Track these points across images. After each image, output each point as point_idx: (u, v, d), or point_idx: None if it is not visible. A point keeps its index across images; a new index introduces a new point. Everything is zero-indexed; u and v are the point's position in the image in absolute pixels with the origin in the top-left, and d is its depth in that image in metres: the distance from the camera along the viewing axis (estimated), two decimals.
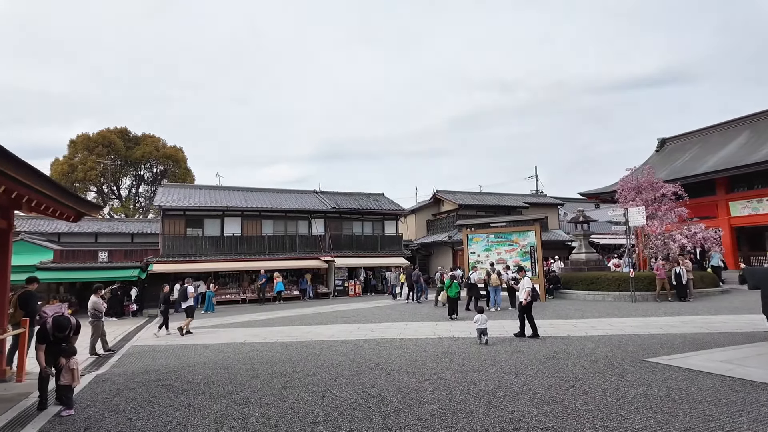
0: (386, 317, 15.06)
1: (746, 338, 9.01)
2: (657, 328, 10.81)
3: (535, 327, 10.36)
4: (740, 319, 11.81)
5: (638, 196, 20.31)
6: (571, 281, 19.19)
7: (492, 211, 31.73)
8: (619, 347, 8.61)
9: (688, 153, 26.53)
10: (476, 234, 19.76)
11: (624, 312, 14.00)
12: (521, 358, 7.96)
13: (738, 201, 22.50)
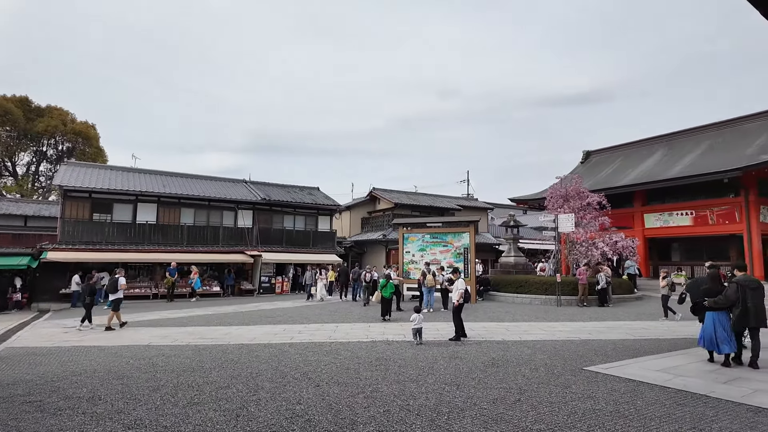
0: (316, 318, 14.10)
1: (671, 345, 9.22)
2: (587, 333, 10.90)
3: (462, 328, 10.18)
4: (659, 325, 12.32)
5: (566, 203, 21.06)
6: (501, 284, 19.41)
7: (426, 211, 31.74)
8: (555, 354, 8.40)
9: (611, 166, 28.22)
10: (412, 233, 19.36)
11: (552, 316, 14.19)
12: (461, 366, 7.44)
13: (652, 213, 24.20)
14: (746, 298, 7.00)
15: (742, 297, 7.04)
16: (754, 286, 7.21)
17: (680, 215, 22.87)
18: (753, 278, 7.56)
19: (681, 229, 22.91)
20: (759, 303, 7.03)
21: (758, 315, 7.00)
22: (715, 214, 21.44)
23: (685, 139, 25.77)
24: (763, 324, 7.07)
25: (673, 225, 23.17)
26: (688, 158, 23.42)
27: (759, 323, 7.04)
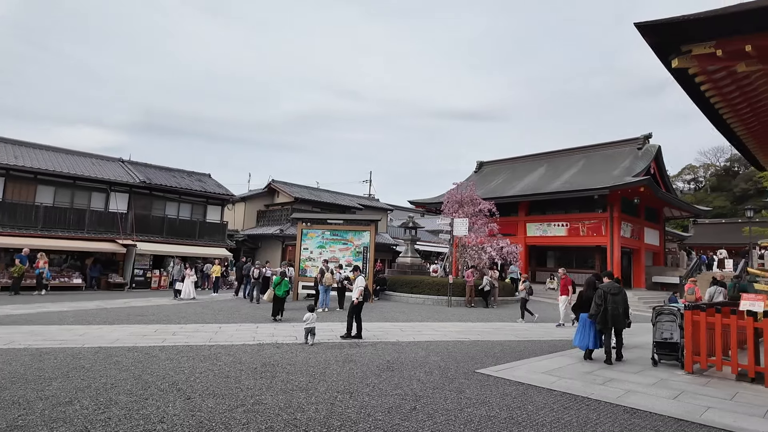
0: (196, 317, 12.68)
1: (551, 347, 9.78)
2: (476, 334, 11.20)
3: (360, 328, 9.92)
4: (538, 327, 13.17)
5: (461, 208, 21.95)
6: (396, 284, 19.54)
7: (327, 208, 31.07)
8: (448, 355, 8.37)
9: (501, 177, 30.25)
10: (312, 230, 18.59)
11: (443, 316, 14.51)
12: (354, 371, 6.99)
13: (533, 223, 26.36)
14: (607, 303, 7.85)
15: (603, 302, 7.89)
16: (615, 292, 8.04)
17: (557, 226, 25.22)
18: (615, 285, 8.29)
19: (557, 239, 25.27)
20: (617, 307, 7.87)
21: (615, 318, 7.85)
22: (585, 227, 24.00)
23: (564, 158, 28.56)
24: (619, 326, 7.99)
25: (551, 235, 25.48)
26: (566, 175, 25.94)
27: (616, 324, 7.92)
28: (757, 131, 10.64)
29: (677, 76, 8.29)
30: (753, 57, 7.16)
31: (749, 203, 54.34)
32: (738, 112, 9.48)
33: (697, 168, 67.40)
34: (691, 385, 6.45)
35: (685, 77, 8.24)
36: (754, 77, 8.12)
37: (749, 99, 9.04)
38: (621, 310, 7.89)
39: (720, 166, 66.06)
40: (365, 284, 10.52)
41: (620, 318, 7.89)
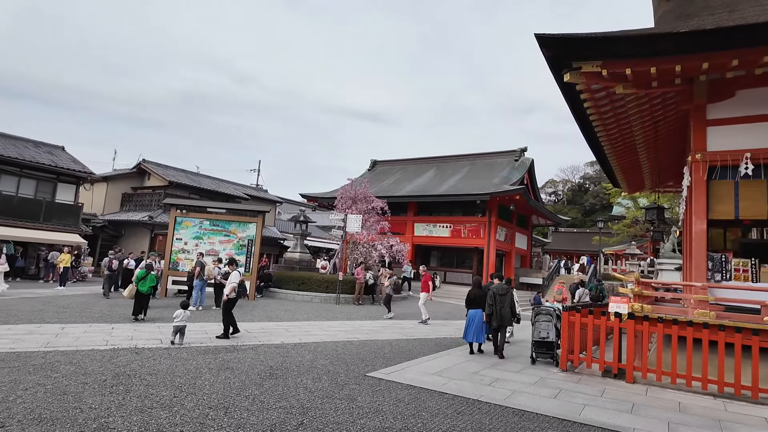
0: (32, 315, 10.39)
1: (437, 345, 9.84)
2: (365, 333, 10.88)
3: (234, 327, 9.23)
4: (423, 325, 13.35)
5: (354, 205, 21.67)
6: (283, 280, 18.54)
7: (209, 195, 28.52)
8: (337, 358, 7.87)
9: (393, 176, 30.74)
10: (188, 218, 16.66)
11: (331, 314, 14.00)
12: (231, 380, 6.10)
13: (421, 223, 27.21)
14: (495, 303, 8.66)
15: (492, 301, 8.70)
16: (502, 292, 8.81)
17: (442, 227, 26.35)
18: (504, 286, 8.97)
19: (441, 239, 26.41)
20: (504, 307, 8.66)
21: (503, 316, 8.65)
22: (467, 229, 25.43)
23: (451, 164, 30.03)
24: (505, 323, 8.79)
25: (436, 235, 26.54)
26: (452, 180, 27.26)
27: (502, 322, 8.71)
28: (620, 151, 11.99)
29: (565, 91, 8.84)
30: (629, 81, 7.86)
31: (596, 216, 63.19)
32: (608, 131, 10.50)
33: (558, 183, 76.59)
34: (566, 383, 6.81)
35: (571, 93, 8.81)
36: (627, 100, 9.01)
37: (619, 120, 10.05)
38: (507, 309, 8.63)
39: (575, 182, 75.85)
40: (240, 279, 9.59)
41: (507, 316, 8.64)
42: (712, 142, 8.14)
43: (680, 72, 7.22)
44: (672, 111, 9.87)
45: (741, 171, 7.77)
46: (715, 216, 8.14)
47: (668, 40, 6.90)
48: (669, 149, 12.19)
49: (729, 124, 8.07)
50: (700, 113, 8.32)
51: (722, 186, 8.06)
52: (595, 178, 72.44)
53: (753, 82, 7.86)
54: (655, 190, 17.29)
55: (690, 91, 8.28)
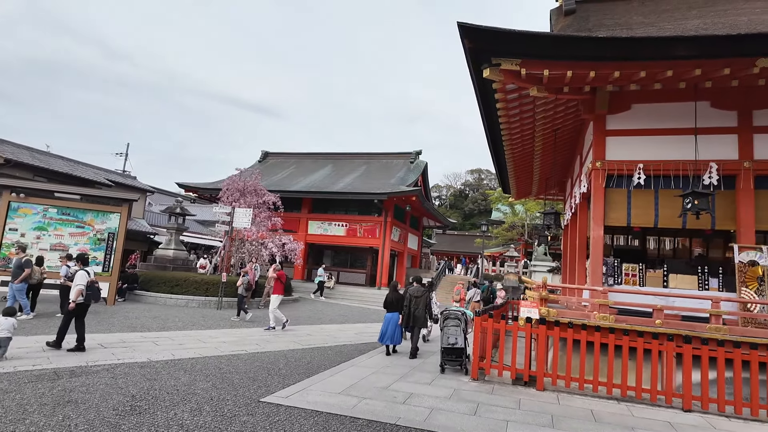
0: None
1: (337, 354, 8.93)
2: (254, 344, 9.52)
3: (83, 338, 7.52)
4: (318, 330, 12.33)
5: (242, 198, 19.76)
6: (153, 281, 16.01)
7: (60, 179, 23.78)
8: (222, 379, 6.51)
9: (286, 170, 29.02)
10: (28, 203, 13.37)
11: (212, 322, 12.26)
12: (73, 420, 4.48)
13: (316, 221, 26.02)
14: (411, 305, 9.04)
15: (408, 303, 9.05)
16: (418, 295, 9.13)
17: (337, 226, 25.49)
18: (420, 289, 9.20)
19: (336, 238, 25.53)
20: (417, 308, 9.01)
21: (416, 318, 9.03)
22: (363, 229, 24.92)
23: (348, 161, 29.35)
24: (419, 325, 9.17)
25: (331, 234, 25.59)
26: (349, 178, 26.58)
27: (416, 323, 9.08)
28: (518, 156, 12.29)
29: (480, 89, 8.54)
30: (544, 84, 7.82)
31: (475, 220, 68.10)
32: (512, 135, 10.58)
33: (442, 188, 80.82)
34: (481, 395, 6.39)
35: (486, 91, 8.53)
36: (536, 104, 9.06)
37: (523, 125, 10.14)
38: (421, 311, 9.01)
39: (457, 188, 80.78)
40: (89, 280, 7.63)
41: (420, 317, 9.02)
42: (609, 152, 8.49)
43: (592, 79, 7.30)
44: (570, 120, 10.29)
45: (634, 181, 8.19)
46: (609, 222, 8.49)
47: (588, 45, 6.90)
48: (561, 158, 12.88)
49: (625, 135, 8.49)
50: (600, 123, 8.64)
51: (617, 194, 8.44)
52: (474, 185, 78.05)
53: (646, 98, 8.37)
54: (539, 197, 18.51)
55: (593, 101, 8.56)
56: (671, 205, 7.96)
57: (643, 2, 10.66)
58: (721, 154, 7.79)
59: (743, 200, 7.62)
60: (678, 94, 7.98)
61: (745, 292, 7.31)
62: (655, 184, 8.13)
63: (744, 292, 7.31)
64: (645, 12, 10.29)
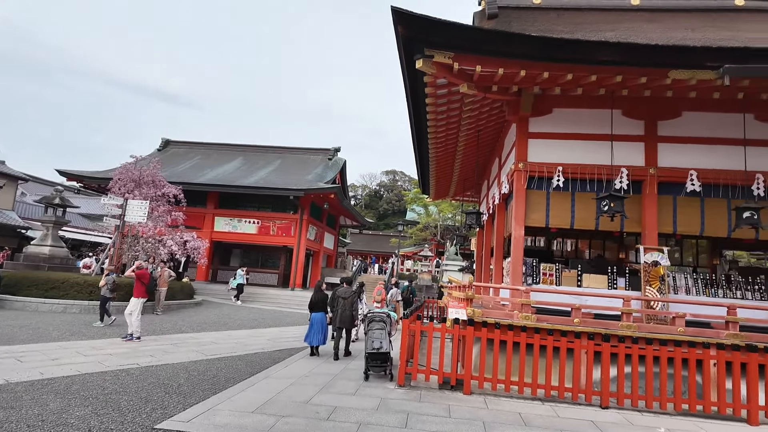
0: None
1: (248, 365, 8.03)
2: (148, 355, 8.26)
3: None
4: (226, 336, 11.21)
5: (138, 189, 17.62)
6: (22, 283, 13.55)
7: None
8: (106, 402, 5.38)
9: (190, 161, 26.64)
10: None
11: (97, 331, 10.60)
12: None
13: (223, 217, 24.14)
14: (337, 306, 8.97)
15: (335, 304, 9.00)
16: (346, 296, 9.02)
17: (248, 223, 23.90)
18: (348, 290, 9.10)
19: (246, 236, 23.90)
20: (345, 310, 8.93)
21: (344, 319, 8.93)
22: (276, 226, 23.63)
23: (261, 155, 27.76)
24: (347, 326, 9.09)
25: (241, 231, 23.92)
26: (263, 172, 25.11)
27: (343, 325, 9.01)
28: (441, 155, 12.24)
29: (411, 80, 8.19)
30: (475, 81, 7.70)
31: (389, 220, 69.01)
32: (437, 133, 10.44)
33: (357, 187, 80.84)
34: (410, 403, 6.00)
35: (416, 84, 8.23)
36: (463, 103, 8.94)
37: (449, 123, 10.03)
38: (348, 312, 8.93)
39: (372, 188, 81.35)
40: None
41: (347, 319, 8.93)
42: (531, 154, 8.63)
43: (521, 78, 7.30)
44: (493, 122, 10.39)
45: (554, 183, 8.40)
46: (529, 223, 8.63)
47: (521, 42, 6.85)
48: (482, 159, 13.09)
49: (546, 138, 8.68)
50: (524, 125, 8.76)
51: (537, 195, 8.61)
52: (389, 186, 79.16)
53: (567, 103, 8.64)
54: (455, 198, 18.88)
55: (518, 102, 8.63)
56: (586, 208, 8.29)
57: (560, 15, 11.10)
58: (631, 160, 8.25)
59: (648, 204, 8.13)
60: (596, 101, 8.32)
61: (649, 291, 7.79)
62: (572, 187, 8.40)
63: (648, 291, 7.79)
64: (563, 23, 10.73)
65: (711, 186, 7.96)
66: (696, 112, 8.24)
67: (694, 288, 8.24)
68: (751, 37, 7.86)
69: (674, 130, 8.34)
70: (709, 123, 8.20)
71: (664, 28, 9.50)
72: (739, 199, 7.68)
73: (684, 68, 6.57)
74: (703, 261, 13.92)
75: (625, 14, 10.37)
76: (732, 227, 7.75)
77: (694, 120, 8.27)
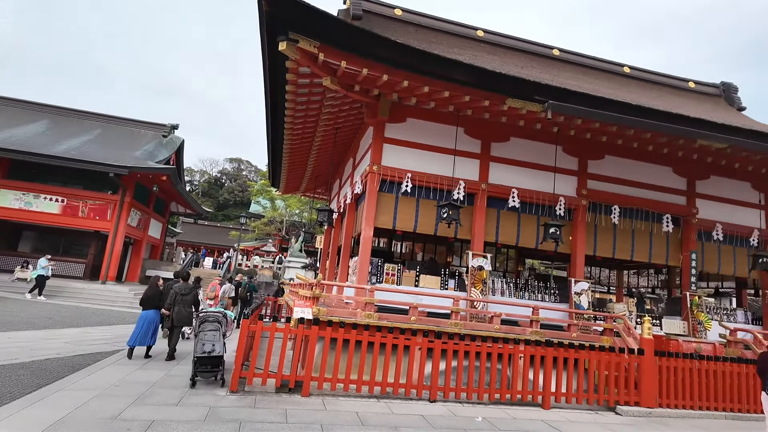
0: None
1: (35, 375, 6.44)
2: None
3: None
4: (5, 340, 8.91)
5: None
6: None
7: None
8: None
9: None
10: None
11: None
12: None
13: (12, 190, 19.32)
14: (175, 302, 8.23)
15: (172, 301, 8.22)
16: (185, 292, 8.34)
17: (49, 200, 19.60)
18: (187, 286, 8.48)
19: (45, 216, 19.54)
20: (183, 306, 8.22)
21: (180, 317, 8.24)
22: (88, 207, 19.88)
23: (76, 119, 23.20)
24: (184, 324, 8.44)
25: (37, 210, 19.46)
26: (76, 141, 20.97)
27: (180, 323, 8.33)
28: (296, 149, 11.86)
29: (271, 63, 7.69)
30: (338, 76, 7.57)
31: (229, 211, 64.86)
32: (294, 125, 10.06)
33: (195, 172, 74.06)
34: (243, 410, 5.51)
35: (276, 68, 7.75)
36: (325, 97, 8.74)
37: (307, 117, 9.74)
38: (189, 310, 8.28)
39: (213, 175, 75.51)
40: None
41: (184, 316, 8.26)
42: (386, 158, 8.90)
43: (383, 83, 7.45)
44: (351, 121, 10.43)
45: (402, 188, 8.80)
46: (378, 224, 8.87)
47: (388, 46, 6.96)
48: (337, 157, 13.06)
49: (400, 145, 9.04)
50: (380, 129, 8.97)
51: (387, 198, 8.91)
52: (233, 175, 74.49)
53: (420, 114, 9.13)
54: (305, 194, 18.56)
55: (377, 106, 8.81)
56: (429, 214, 8.88)
57: (417, 30, 11.75)
58: (468, 174, 9.13)
59: (478, 215, 9.08)
60: (444, 117, 8.99)
61: (473, 292, 8.70)
62: (418, 194, 8.91)
63: (473, 292, 8.69)
64: (419, 39, 11.36)
65: (527, 204, 9.28)
66: (521, 139, 9.53)
67: (507, 290, 9.51)
68: (564, 81, 9.42)
69: (503, 152, 9.52)
70: (530, 150, 9.57)
71: (502, 62, 10.79)
72: (547, 217, 9.13)
73: (518, 98, 7.51)
74: (512, 267, 16.26)
75: (470, 42, 11.49)
76: (540, 240, 9.16)
77: (519, 145, 9.56)
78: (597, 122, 7.68)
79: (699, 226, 10.26)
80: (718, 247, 10.50)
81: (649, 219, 9.95)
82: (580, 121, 7.70)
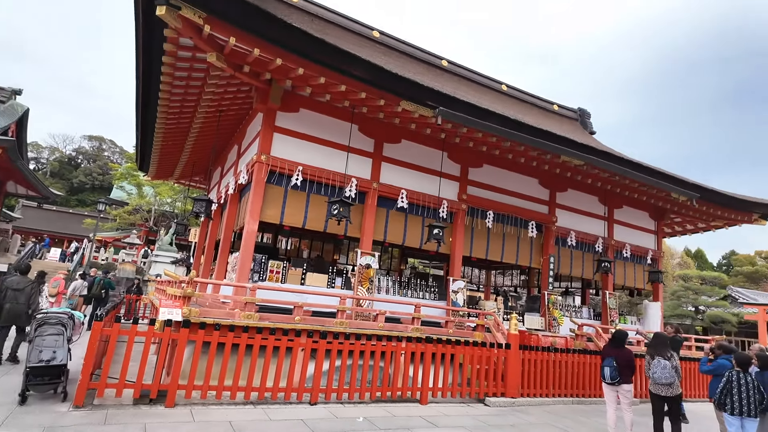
0: None
1: None
2: None
3: None
4: None
5: None
6: None
7: None
8: None
9: None
10: None
11: None
12: None
13: None
14: (5, 299, 7.08)
15: (3, 298, 7.08)
16: (20, 287, 7.21)
17: None
18: (23, 279, 7.35)
19: None
20: (17, 304, 7.08)
21: (16, 316, 7.08)
22: None
23: None
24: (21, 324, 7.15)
25: None
26: None
27: (17, 322, 7.14)
28: (171, 130, 10.69)
29: (146, 31, 6.78)
30: (226, 54, 6.92)
31: (85, 196, 56.70)
32: (170, 104, 9.07)
33: (44, 148, 63.41)
34: (89, 428, 4.67)
35: (153, 36, 6.86)
36: (209, 75, 7.94)
37: (187, 96, 8.84)
38: (23, 308, 7.15)
39: (66, 154, 65.37)
40: None
41: (22, 315, 7.14)
42: (276, 149, 8.41)
43: (276, 67, 6.99)
44: (237, 106, 9.69)
45: (292, 181, 8.41)
46: (265, 218, 8.37)
47: (285, 29, 6.53)
48: (219, 143, 12.03)
49: (291, 136, 8.63)
50: (270, 117, 8.45)
51: (275, 191, 8.44)
52: (92, 155, 65.25)
53: (314, 106, 8.81)
54: (179, 181, 16.89)
55: (267, 92, 8.27)
56: (319, 210, 8.62)
57: (313, 20, 11.37)
58: (361, 172, 9.07)
59: (368, 214, 9.08)
60: (339, 112, 8.80)
61: (360, 290, 8.67)
62: (309, 188, 8.61)
63: (360, 290, 8.66)
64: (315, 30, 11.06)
65: (414, 205, 9.53)
66: (412, 142, 9.76)
67: (392, 289, 9.67)
68: (450, 91, 9.90)
69: (395, 153, 9.66)
70: (419, 153, 9.85)
71: (396, 66, 10.98)
72: (431, 218, 9.48)
73: (412, 101, 7.64)
74: (395, 266, 16.72)
75: (367, 42, 11.48)
76: (424, 240, 9.48)
77: (410, 148, 9.78)
78: (480, 132, 8.18)
79: (557, 232, 11.60)
80: (571, 252, 11.98)
81: (517, 225, 10.93)
82: (466, 129, 8.12)
